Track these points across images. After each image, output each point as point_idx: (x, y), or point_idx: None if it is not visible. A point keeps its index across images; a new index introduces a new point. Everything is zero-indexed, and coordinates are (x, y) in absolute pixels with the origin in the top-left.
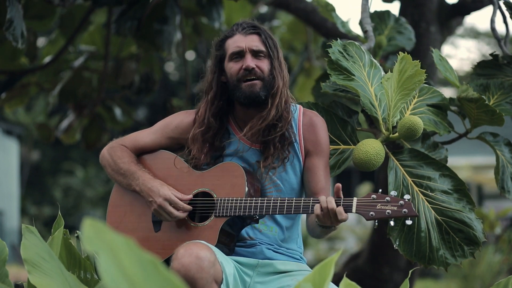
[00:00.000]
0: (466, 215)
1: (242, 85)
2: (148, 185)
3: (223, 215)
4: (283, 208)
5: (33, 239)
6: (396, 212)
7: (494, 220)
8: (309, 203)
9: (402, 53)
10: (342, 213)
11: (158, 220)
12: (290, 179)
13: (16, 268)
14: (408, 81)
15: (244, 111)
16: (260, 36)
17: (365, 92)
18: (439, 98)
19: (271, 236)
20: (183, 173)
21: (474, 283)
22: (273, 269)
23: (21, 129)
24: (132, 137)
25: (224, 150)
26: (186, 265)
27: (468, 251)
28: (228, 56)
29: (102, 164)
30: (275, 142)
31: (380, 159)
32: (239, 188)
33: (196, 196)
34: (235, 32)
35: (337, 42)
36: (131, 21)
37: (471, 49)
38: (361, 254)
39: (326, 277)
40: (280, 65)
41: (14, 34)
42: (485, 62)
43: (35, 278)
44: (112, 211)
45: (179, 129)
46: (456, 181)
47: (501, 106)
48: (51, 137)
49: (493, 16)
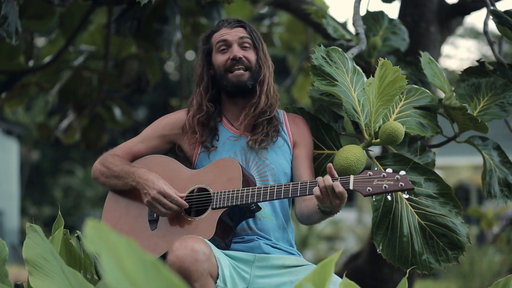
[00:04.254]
0: (450, 220)
1: (229, 75)
2: (143, 177)
3: (220, 206)
4: (280, 192)
5: (37, 239)
6: (393, 186)
7: (492, 219)
8: (306, 186)
9: (382, 59)
10: (339, 185)
11: (154, 219)
12: (282, 164)
13: (16, 268)
14: (389, 87)
15: (232, 101)
16: (245, 28)
17: (348, 98)
18: (428, 100)
19: (270, 224)
20: (178, 173)
21: (474, 283)
22: (270, 263)
23: (21, 129)
24: (123, 147)
25: (217, 130)
26: (181, 257)
27: (452, 255)
28: (215, 48)
29: (94, 176)
30: (264, 123)
31: (361, 165)
32: (235, 180)
33: (192, 193)
34: (221, 26)
35: (320, 48)
36: (131, 21)
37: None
38: (361, 254)
39: (327, 277)
40: (265, 56)
41: (8, 30)
42: (472, 69)
43: (35, 280)
44: (107, 216)
45: (169, 125)
46: (441, 185)
47: (491, 109)
48: (51, 137)
49: (486, 19)
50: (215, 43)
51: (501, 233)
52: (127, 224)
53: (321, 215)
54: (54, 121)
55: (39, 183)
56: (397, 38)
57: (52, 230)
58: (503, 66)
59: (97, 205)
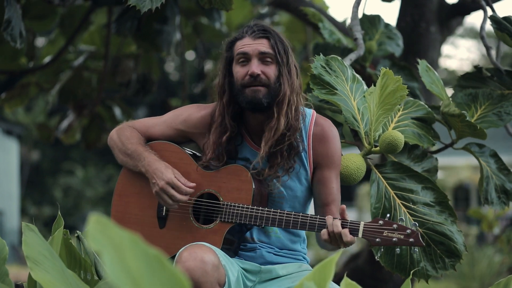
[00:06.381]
0: (447, 228)
1: (246, 90)
2: (153, 166)
3: (229, 220)
4: (289, 222)
5: (33, 237)
6: (402, 241)
7: (492, 220)
8: (315, 222)
9: (384, 68)
10: (347, 235)
11: (163, 216)
12: (293, 186)
13: (16, 268)
14: (390, 96)
15: (252, 115)
16: (270, 40)
17: (348, 106)
18: (424, 112)
19: (276, 239)
20: (190, 170)
21: (474, 283)
22: (275, 275)
23: (21, 129)
24: (142, 122)
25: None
26: (191, 269)
27: (449, 263)
28: (235, 58)
29: (109, 144)
30: (283, 151)
31: (361, 173)
32: (245, 193)
33: (201, 197)
34: (244, 34)
35: (319, 57)
36: (131, 21)
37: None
38: (361, 254)
39: (327, 277)
40: (290, 71)
41: (12, 34)
42: (469, 74)
43: (37, 274)
44: (117, 200)
45: (187, 122)
46: (438, 193)
47: (488, 118)
48: (51, 137)
49: (483, 24)
50: (235, 53)
51: (501, 234)
52: (136, 215)
53: (332, 246)
54: (54, 121)
55: (39, 183)
56: (392, 43)
57: (52, 230)
58: (500, 72)
59: (97, 205)
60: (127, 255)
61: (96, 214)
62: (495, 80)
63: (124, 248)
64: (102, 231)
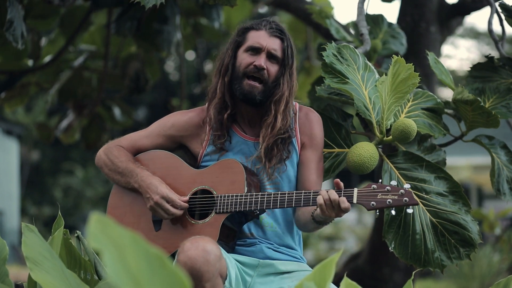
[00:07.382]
0: (461, 217)
1: (245, 80)
2: (146, 181)
3: (224, 211)
4: (283, 201)
5: (33, 238)
6: (397, 201)
7: (493, 221)
8: (310, 196)
9: (395, 56)
10: (345, 201)
11: (158, 219)
12: (288, 171)
13: (16, 268)
14: (402, 84)
15: (243, 105)
16: (283, 42)
17: (359, 95)
18: (433, 102)
19: (272, 232)
20: (182, 171)
21: (474, 283)
22: (274, 270)
23: (21, 129)
24: (128, 138)
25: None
26: (193, 257)
27: (463, 253)
28: (245, 46)
29: (98, 165)
30: (278, 144)
31: (374, 162)
32: (238, 184)
33: (195, 194)
34: (262, 27)
35: (331, 45)
36: (131, 21)
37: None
38: (361, 254)
39: (327, 277)
40: (291, 75)
41: (14, 34)
42: (481, 64)
43: (37, 274)
44: (111, 213)
45: (176, 126)
46: (451, 183)
47: (497, 110)
48: (51, 137)
49: (491, 18)
50: (247, 41)
51: (502, 234)
52: (131, 223)
53: (316, 225)
54: (54, 121)
55: (39, 183)
56: (396, 41)
57: (52, 230)
58: (511, 61)
59: (97, 205)
60: (128, 254)
61: (97, 214)
62: (506, 69)
63: (124, 247)
64: (103, 230)
